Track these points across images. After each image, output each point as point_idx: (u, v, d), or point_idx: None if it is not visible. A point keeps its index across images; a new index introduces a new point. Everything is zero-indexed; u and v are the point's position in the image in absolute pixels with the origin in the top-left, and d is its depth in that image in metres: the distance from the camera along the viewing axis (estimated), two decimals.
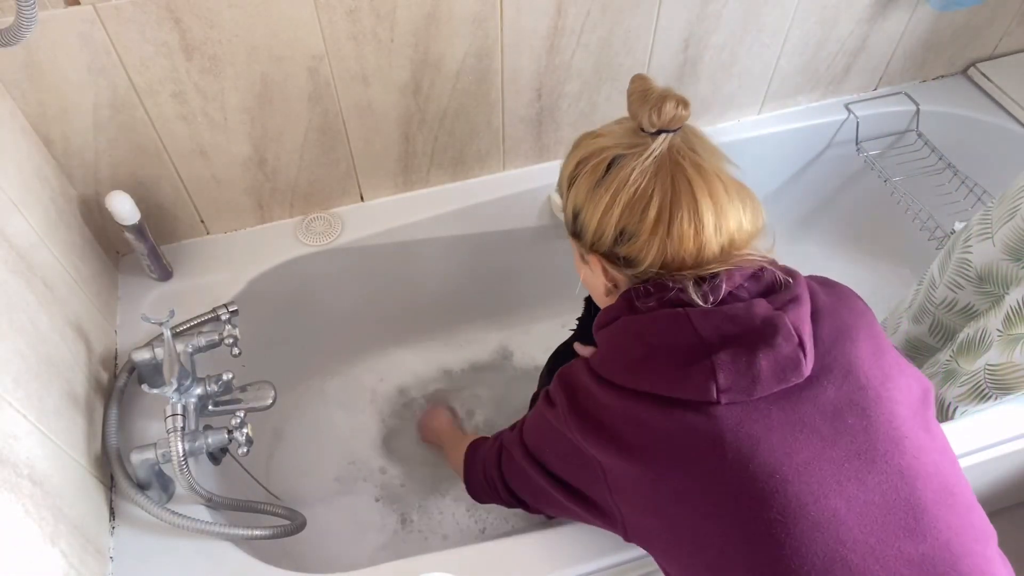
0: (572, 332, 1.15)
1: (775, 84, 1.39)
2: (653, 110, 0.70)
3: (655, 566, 0.90)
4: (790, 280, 0.71)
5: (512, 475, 0.88)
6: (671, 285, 0.70)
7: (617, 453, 0.69)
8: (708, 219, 0.69)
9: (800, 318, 0.67)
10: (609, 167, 0.72)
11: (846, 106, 1.46)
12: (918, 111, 1.46)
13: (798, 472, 0.63)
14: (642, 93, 0.72)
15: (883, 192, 1.46)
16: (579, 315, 1.15)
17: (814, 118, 1.45)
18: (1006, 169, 1.33)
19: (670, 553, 0.71)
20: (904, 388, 0.69)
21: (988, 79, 1.49)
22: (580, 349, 1.08)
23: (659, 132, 0.71)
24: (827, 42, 1.34)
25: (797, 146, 1.49)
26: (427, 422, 1.40)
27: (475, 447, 1.00)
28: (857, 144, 1.47)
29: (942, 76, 1.53)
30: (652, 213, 0.69)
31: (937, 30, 1.40)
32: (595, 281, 0.80)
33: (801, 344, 0.65)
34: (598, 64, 1.21)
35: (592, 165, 0.74)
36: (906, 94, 1.48)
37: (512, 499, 0.90)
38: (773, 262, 0.73)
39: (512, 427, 0.90)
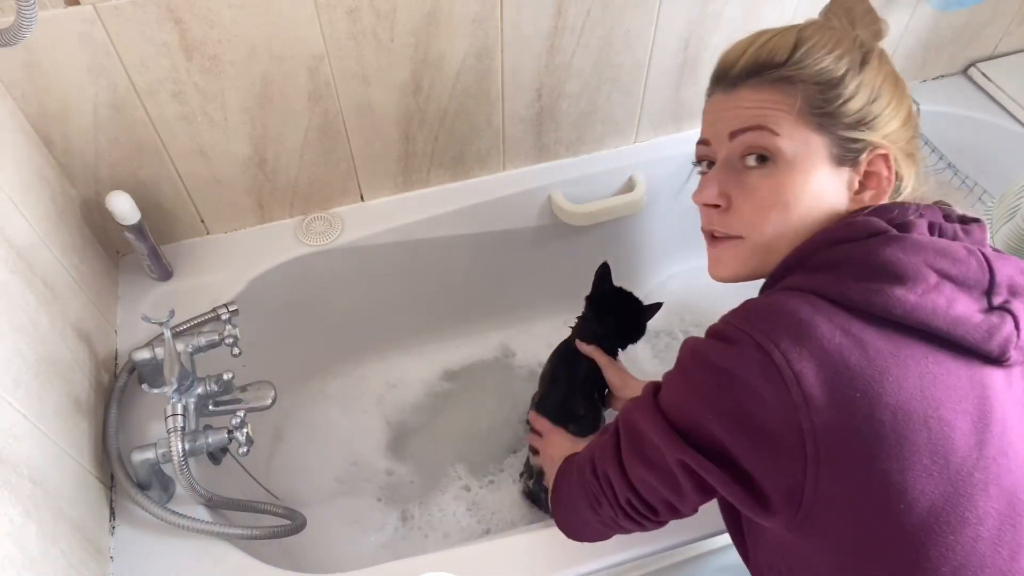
0: (572, 329, 1.16)
1: None
2: (882, 21, 0.70)
3: (655, 566, 0.90)
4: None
5: (638, 463, 0.66)
6: (930, 214, 0.63)
7: (870, 411, 0.52)
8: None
9: None
10: (880, 56, 0.69)
11: None
12: (918, 111, 1.45)
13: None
14: (867, 6, 0.71)
15: None
16: (579, 314, 1.16)
17: None
18: (1006, 169, 1.33)
19: (864, 545, 0.55)
20: None
21: (988, 79, 1.49)
22: (583, 348, 1.08)
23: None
24: None
25: None
26: (551, 452, 0.98)
27: (569, 460, 0.80)
28: None
29: (942, 76, 1.53)
30: (907, 100, 0.68)
31: (937, 30, 1.40)
32: (834, 190, 0.65)
33: None
34: (598, 64, 1.21)
35: (879, 50, 0.68)
36: None
37: (628, 509, 0.69)
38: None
39: (624, 412, 0.69)
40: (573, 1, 1.10)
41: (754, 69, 0.66)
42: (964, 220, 0.65)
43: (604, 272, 1.13)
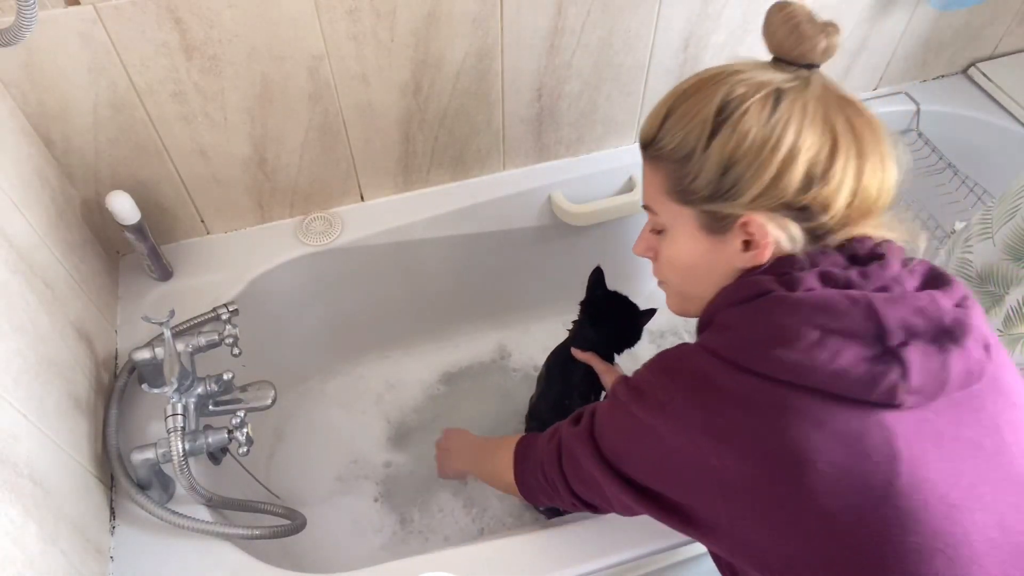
0: (569, 331, 1.16)
1: None
2: (820, 36, 0.61)
3: (655, 566, 0.90)
4: (945, 274, 0.63)
5: (577, 479, 0.76)
6: (830, 259, 0.62)
7: (750, 456, 0.57)
8: (889, 156, 0.62)
9: (982, 320, 0.60)
10: (777, 104, 0.61)
11: None
12: (918, 111, 1.46)
13: (965, 497, 0.55)
14: (797, 22, 0.62)
15: None
16: (576, 315, 1.15)
17: None
18: (1006, 169, 1.33)
19: (790, 573, 0.60)
20: None
21: (988, 79, 1.49)
22: (579, 355, 1.08)
23: (810, 66, 0.63)
24: None
25: None
26: (449, 444, 1.16)
27: (526, 444, 0.87)
28: None
29: (942, 76, 1.53)
30: (842, 151, 0.60)
31: (937, 30, 1.40)
32: (720, 257, 0.67)
33: (987, 347, 0.58)
34: (598, 64, 1.21)
35: (755, 102, 0.61)
36: (906, 94, 1.48)
37: (577, 502, 0.79)
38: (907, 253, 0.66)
39: (575, 421, 0.77)
40: (573, 1, 1.10)
41: (643, 147, 0.71)
42: (869, 259, 0.62)
43: (597, 277, 1.12)
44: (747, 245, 0.65)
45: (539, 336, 1.56)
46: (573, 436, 0.75)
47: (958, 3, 1.28)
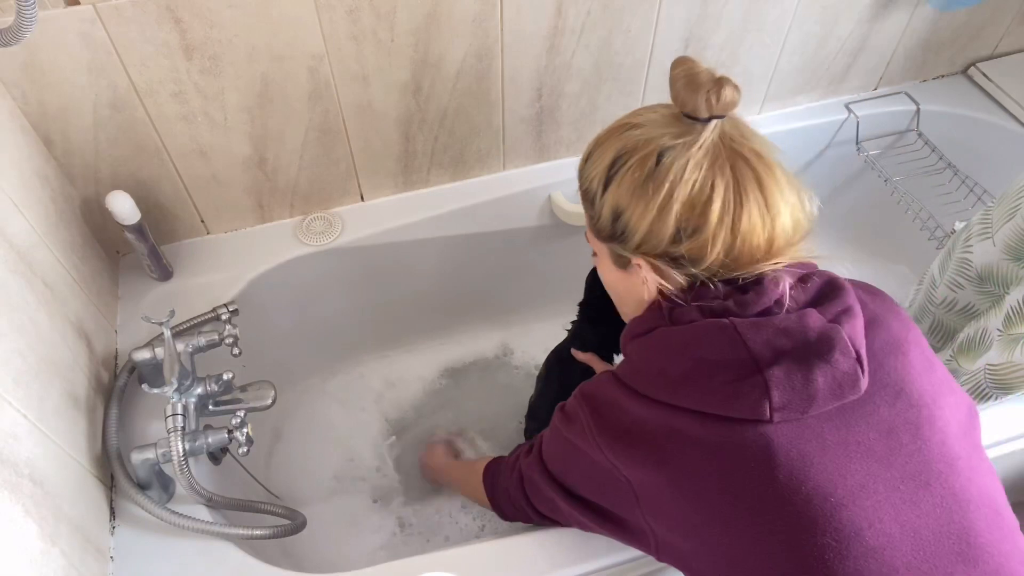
0: (568, 331, 1.15)
1: (775, 84, 1.39)
2: (711, 94, 0.63)
3: (655, 566, 0.90)
4: (836, 287, 0.67)
5: (538, 500, 0.84)
6: (709, 292, 0.66)
7: (654, 470, 0.65)
8: (780, 207, 0.64)
9: (856, 331, 0.64)
10: (659, 160, 0.65)
11: (846, 106, 1.46)
12: (918, 111, 1.46)
13: (852, 495, 0.60)
14: (690, 77, 0.66)
15: (883, 192, 1.46)
16: (575, 316, 1.15)
17: (814, 118, 1.45)
18: (1006, 169, 1.33)
19: (710, 573, 0.67)
20: (953, 405, 0.67)
21: (988, 79, 1.49)
22: (579, 356, 1.08)
23: (710, 119, 0.65)
24: (827, 42, 1.34)
25: (797, 146, 1.49)
26: (427, 462, 1.32)
27: (492, 472, 0.95)
28: (857, 144, 1.47)
29: (942, 76, 1.53)
30: (716, 206, 0.63)
31: (937, 30, 1.40)
32: (631, 286, 0.74)
33: (859, 359, 0.62)
34: (598, 64, 1.21)
35: (637, 159, 0.67)
36: (906, 94, 1.48)
37: (544, 520, 0.87)
38: (814, 266, 0.69)
39: (529, 449, 0.86)
40: (573, 1, 1.10)
41: None
42: (747, 288, 0.66)
43: (596, 278, 1.11)
44: (645, 281, 0.72)
45: (540, 335, 1.56)
46: (528, 463, 0.84)
47: (958, 3, 1.28)
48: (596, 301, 1.11)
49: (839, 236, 1.67)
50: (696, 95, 0.64)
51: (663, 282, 0.69)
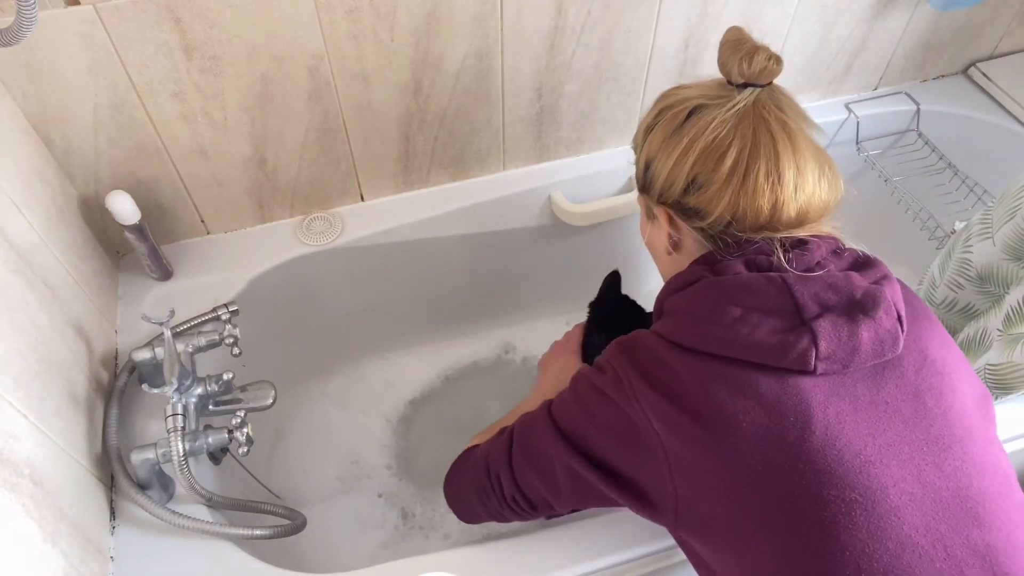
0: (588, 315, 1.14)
1: (775, 83, 1.38)
2: (744, 59, 0.68)
3: (655, 566, 0.90)
4: (872, 260, 0.70)
5: (527, 467, 0.78)
6: (752, 247, 0.68)
7: (691, 425, 0.64)
8: (788, 176, 0.67)
9: (896, 294, 0.66)
10: (689, 116, 0.70)
11: (846, 106, 1.46)
12: (918, 111, 1.46)
13: (880, 453, 0.61)
14: (735, 43, 0.70)
15: (883, 192, 1.46)
16: (579, 313, 1.15)
17: (814, 117, 1.43)
18: (1006, 169, 1.33)
19: (730, 538, 0.66)
20: (970, 382, 0.69)
21: (988, 79, 1.49)
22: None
23: (746, 85, 0.69)
24: (827, 42, 1.34)
25: None
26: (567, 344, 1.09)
27: (468, 452, 0.90)
28: (857, 144, 1.47)
29: (942, 76, 1.53)
30: (728, 163, 0.67)
31: (937, 30, 1.40)
32: (658, 237, 0.76)
33: (900, 319, 0.64)
34: (598, 64, 1.21)
35: (672, 113, 0.71)
36: (906, 94, 1.48)
37: (512, 505, 0.81)
38: (847, 245, 0.72)
39: (521, 419, 0.82)
40: (573, 1, 1.10)
41: None
42: (791, 247, 0.68)
43: (612, 280, 1.10)
44: (670, 236, 0.75)
45: (540, 335, 1.56)
46: (528, 419, 0.80)
47: (958, 3, 1.28)
48: (607, 303, 1.10)
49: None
50: (732, 59, 0.69)
51: (675, 235, 0.74)
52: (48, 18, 0.88)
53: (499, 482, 0.81)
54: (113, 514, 0.92)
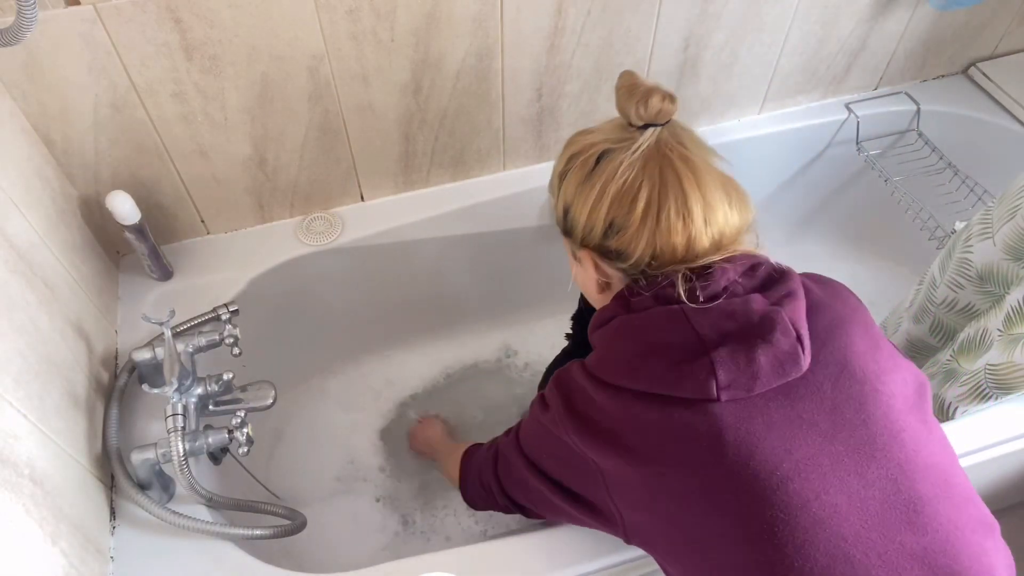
0: (567, 337, 1.15)
1: (775, 84, 1.39)
2: (640, 103, 0.71)
3: (655, 566, 0.90)
4: (783, 275, 0.72)
5: (510, 482, 0.87)
6: (663, 281, 0.70)
7: (616, 455, 0.68)
8: (696, 210, 0.69)
9: (796, 312, 0.67)
10: (598, 161, 0.73)
11: (846, 106, 1.46)
12: (918, 111, 1.46)
13: (799, 468, 0.63)
14: (629, 88, 0.73)
15: (883, 192, 1.46)
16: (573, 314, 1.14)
17: (814, 118, 1.45)
18: (1006, 169, 1.33)
19: (672, 554, 0.70)
20: (900, 382, 0.69)
21: (988, 79, 1.49)
22: None
23: (647, 126, 0.72)
24: (827, 42, 1.34)
25: (797, 146, 1.49)
26: (419, 432, 1.38)
27: (470, 454, 0.99)
28: (857, 144, 1.47)
29: (942, 76, 1.53)
30: (640, 205, 0.69)
31: (937, 30, 1.40)
32: (587, 279, 0.79)
33: (799, 338, 0.65)
34: (598, 64, 1.21)
35: (582, 160, 0.74)
36: (906, 94, 1.48)
37: (510, 505, 0.89)
38: (765, 258, 0.73)
39: (508, 433, 0.89)
40: (573, 1, 1.10)
41: None
42: (701, 276, 0.70)
43: None
44: (597, 279, 0.77)
45: (540, 335, 1.56)
46: (506, 444, 0.87)
47: (958, 3, 1.28)
48: (588, 316, 1.09)
49: (839, 236, 1.67)
50: (629, 104, 0.72)
51: (602, 277, 0.77)
52: (48, 18, 0.88)
53: (491, 491, 0.90)
54: (113, 514, 0.92)
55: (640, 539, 0.73)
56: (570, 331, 1.14)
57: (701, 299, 0.68)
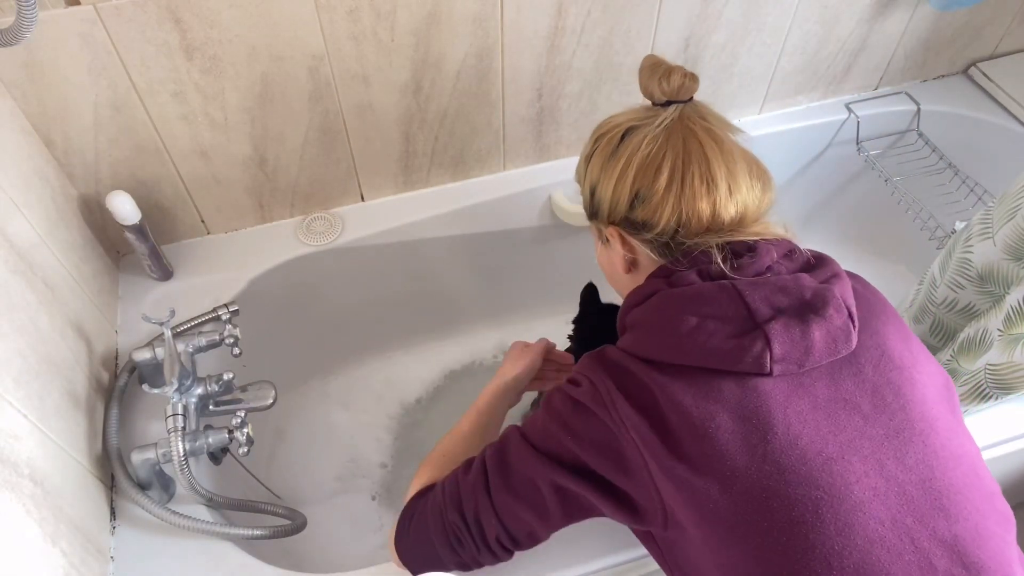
0: (569, 338, 1.15)
1: (776, 84, 1.39)
2: (662, 79, 0.73)
3: (655, 566, 0.90)
4: (823, 260, 0.72)
5: (509, 497, 0.73)
6: (706, 257, 0.70)
7: (663, 434, 0.65)
8: (720, 176, 0.70)
9: (846, 292, 0.68)
10: (623, 138, 0.74)
11: (847, 106, 1.46)
12: (919, 111, 1.46)
13: (842, 450, 0.62)
14: (651, 67, 0.75)
15: (884, 192, 1.46)
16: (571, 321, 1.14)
17: (815, 118, 1.45)
18: (1007, 169, 1.33)
19: (710, 536, 0.65)
20: (931, 373, 0.70)
21: (989, 79, 1.49)
22: None
23: (669, 103, 0.73)
24: (828, 42, 1.34)
25: (798, 146, 1.49)
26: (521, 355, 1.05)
27: (418, 498, 0.80)
28: (858, 144, 1.47)
29: (943, 76, 1.53)
30: (665, 174, 0.70)
31: (938, 30, 1.40)
32: (615, 258, 0.78)
33: (851, 316, 0.66)
34: (599, 64, 1.21)
35: (607, 140, 0.76)
36: (907, 94, 1.48)
37: (494, 546, 0.75)
38: (799, 246, 0.73)
39: (488, 449, 0.77)
40: (573, 1, 1.10)
41: None
42: (743, 255, 0.70)
43: (590, 294, 1.07)
44: (625, 256, 0.77)
45: (540, 335, 1.55)
46: (500, 447, 0.75)
47: (958, 3, 1.28)
48: (589, 317, 1.09)
49: (839, 236, 1.67)
50: (652, 81, 0.74)
51: (629, 253, 0.76)
52: (48, 18, 0.88)
53: (477, 522, 0.74)
54: (113, 514, 0.92)
55: (678, 526, 0.67)
56: (571, 334, 1.14)
57: (743, 275, 0.68)
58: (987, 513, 0.64)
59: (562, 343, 1.16)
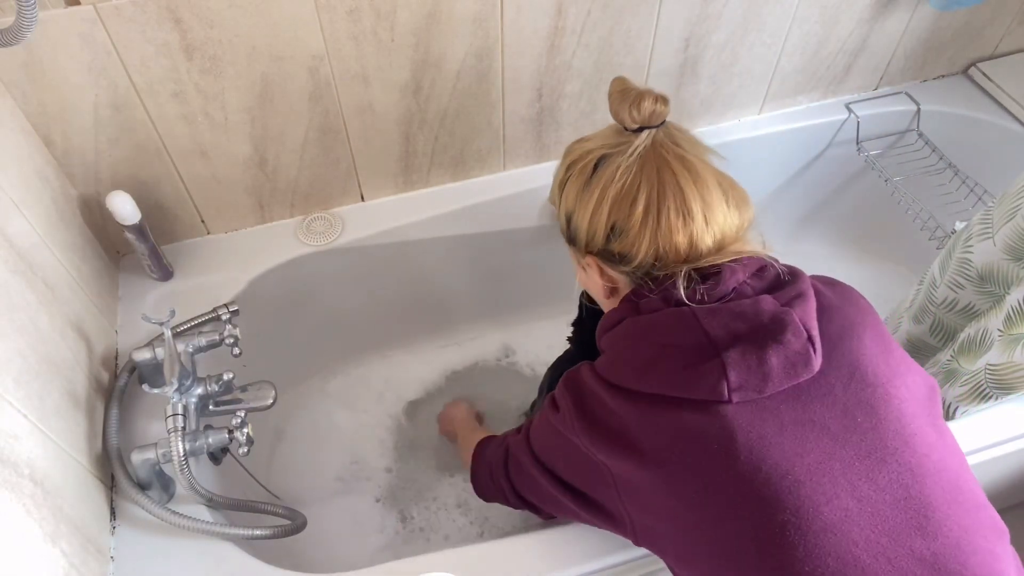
0: (569, 340, 1.15)
1: (776, 84, 1.39)
2: (632, 107, 0.71)
3: (655, 566, 0.90)
4: (794, 277, 0.71)
5: (520, 480, 0.86)
6: (672, 283, 0.69)
7: (626, 457, 0.68)
8: (696, 208, 0.69)
9: (807, 314, 0.67)
10: (596, 167, 0.73)
11: (847, 106, 1.46)
12: (919, 111, 1.46)
13: (810, 472, 0.62)
14: (621, 93, 0.74)
15: (884, 192, 1.46)
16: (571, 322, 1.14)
17: (815, 118, 1.45)
18: (1007, 169, 1.33)
19: (682, 557, 0.70)
20: (911, 385, 0.69)
21: (989, 79, 1.49)
22: None
23: (641, 129, 0.72)
24: (828, 42, 1.34)
25: (798, 146, 1.49)
26: (446, 412, 1.37)
27: (483, 446, 0.98)
28: (858, 144, 1.47)
29: (943, 76, 1.53)
30: (640, 206, 0.70)
31: (938, 30, 1.40)
32: (594, 285, 0.79)
33: (810, 339, 0.65)
34: (599, 64, 1.21)
35: (580, 167, 0.75)
36: (907, 94, 1.48)
37: (520, 502, 0.89)
38: (774, 260, 0.72)
39: (518, 430, 0.89)
40: (573, 1, 1.10)
41: None
42: (707, 277, 0.70)
43: (590, 298, 1.09)
44: (603, 284, 0.77)
45: (541, 335, 1.56)
46: (516, 443, 0.87)
47: (958, 3, 1.28)
48: (589, 321, 1.09)
49: (839, 236, 1.67)
50: (622, 108, 0.73)
51: (608, 283, 0.76)
52: (48, 18, 0.88)
53: (501, 487, 0.90)
54: (113, 514, 0.92)
55: (650, 542, 0.73)
56: (570, 335, 1.14)
57: (707, 300, 0.68)
58: (971, 528, 0.63)
59: (562, 344, 1.16)
